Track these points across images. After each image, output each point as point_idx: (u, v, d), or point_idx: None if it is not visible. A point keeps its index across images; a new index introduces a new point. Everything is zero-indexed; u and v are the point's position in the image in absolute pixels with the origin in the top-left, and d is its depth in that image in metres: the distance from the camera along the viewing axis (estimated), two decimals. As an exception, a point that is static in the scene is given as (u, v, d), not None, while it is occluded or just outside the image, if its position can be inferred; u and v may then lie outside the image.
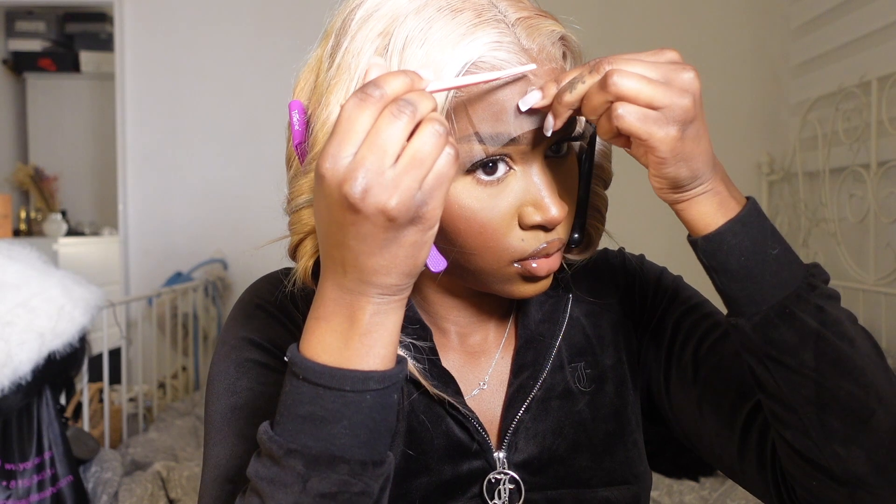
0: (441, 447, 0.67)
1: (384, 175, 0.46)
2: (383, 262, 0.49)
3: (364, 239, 0.48)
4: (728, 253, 0.55)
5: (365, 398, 0.51)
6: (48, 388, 1.56)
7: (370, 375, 0.51)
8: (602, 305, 0.73)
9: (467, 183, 0.58)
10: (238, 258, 3.11)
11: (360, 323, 0.51)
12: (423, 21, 0.56)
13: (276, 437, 0.51)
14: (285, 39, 3.06)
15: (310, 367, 0.51)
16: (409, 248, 0.49)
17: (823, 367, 0.54)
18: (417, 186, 0.46)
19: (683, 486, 1.77)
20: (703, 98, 0.53)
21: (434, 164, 0.47)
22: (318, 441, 0.51)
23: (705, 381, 0.67)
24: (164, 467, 1.81)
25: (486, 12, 0.56)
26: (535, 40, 0.57)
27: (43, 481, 1.53)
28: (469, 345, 0.71)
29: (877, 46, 2.27)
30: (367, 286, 0.50)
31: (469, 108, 0.56)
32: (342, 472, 0.51)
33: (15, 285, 1.49)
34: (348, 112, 0.47)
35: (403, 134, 0.46)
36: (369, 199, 0.46)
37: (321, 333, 0.52)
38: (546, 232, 0.60)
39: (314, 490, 0.51)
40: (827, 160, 2.43)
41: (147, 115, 3.11)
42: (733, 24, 2.96)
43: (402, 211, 0.46)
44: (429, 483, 0.66)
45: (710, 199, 0.55)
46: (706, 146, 0.54)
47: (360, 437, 0.51)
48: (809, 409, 0.55)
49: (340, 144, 0.46)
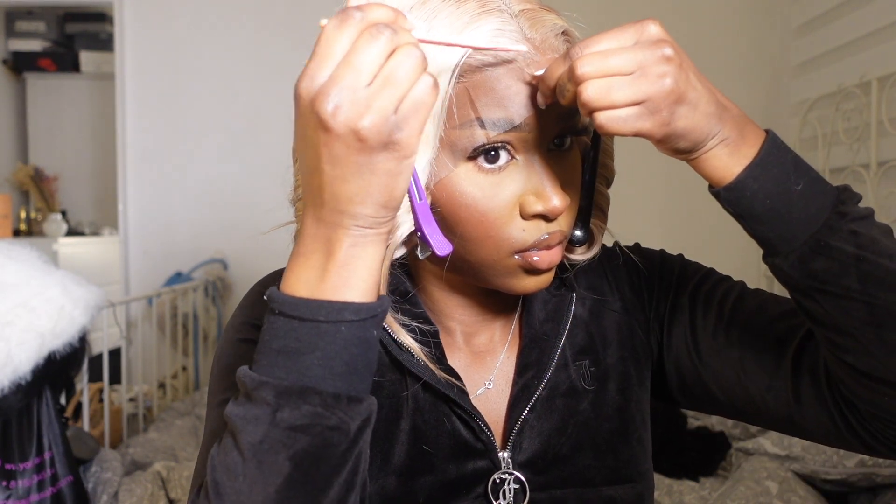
0: (446, 446, 0.67)
1: (357, 93, 0.46)
2: (356, 188, 0.48)
3: (337, 162, 0.47)
4: (752, 199, 0.54)
5: (340, 329, 0.50)
6: (48, 388, 1.56)
7: (346, 306, 0.50)
8: (604, 303, 0.73)
9: (469, 170, 0.58)
10: (238, 258, 3.11)
11: (336, 255, 0.50)
12: (428, 10, 0.57)
13: (248, 373, 0.51)
14: (285, 39, 3.07)
15: (285, 301, 0.51)
16: (384, 177, 0.48)
17: (870, 288, 0.54)
18: (392, 109, 0.46)
19: (683, 486, 1.77)
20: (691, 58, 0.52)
21: (411, 88, 0.47)
22: (290, 373, 0.50)
23: (740, 341, 0.66)
24: (164, 467, 1.81)
25: (491, 2, 0.57)
26: (538, 31, 0.58)
27: (43, 481, 1.52)
28: (475, 344, 0.71)
29: (877, 46, 2.27)
30: (342, 216, 0.49)
31: (472, 93, 0.57)
32: (314, 402, 0.50)
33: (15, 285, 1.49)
34: (328, 33, 0.47)
35: (380, 55, 0.46)
36: (340, 117, 0.46)
37: (299, 269, 0.52)
38: (547, 223, 0.60)
39: (284, 422, 0.49)
40: (827, 160, 2.43)
41: (147, 115, 3.11)
42: (733, 23, 2.96)
43: (373, 132, 0.46)
44: (433, 482, 0.66)
45: (722, 151, 0.54)
46: (705, 107, 0.52)
47: (334, 369, 0.50)
48: (867, 330, 0.54)
49: (318, 64, 0.46)
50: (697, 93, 0.52)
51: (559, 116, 0.58)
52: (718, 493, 1.70)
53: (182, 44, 3.10)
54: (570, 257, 0.68)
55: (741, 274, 0.73)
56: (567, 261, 0.69)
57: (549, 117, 0.58)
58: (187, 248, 3.10)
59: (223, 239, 3.09)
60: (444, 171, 0.59)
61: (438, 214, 0.60)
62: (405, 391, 0.67)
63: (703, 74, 0.54)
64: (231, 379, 0.63)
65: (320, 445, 0.50)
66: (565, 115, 0.59)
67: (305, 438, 0.50)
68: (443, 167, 0.59)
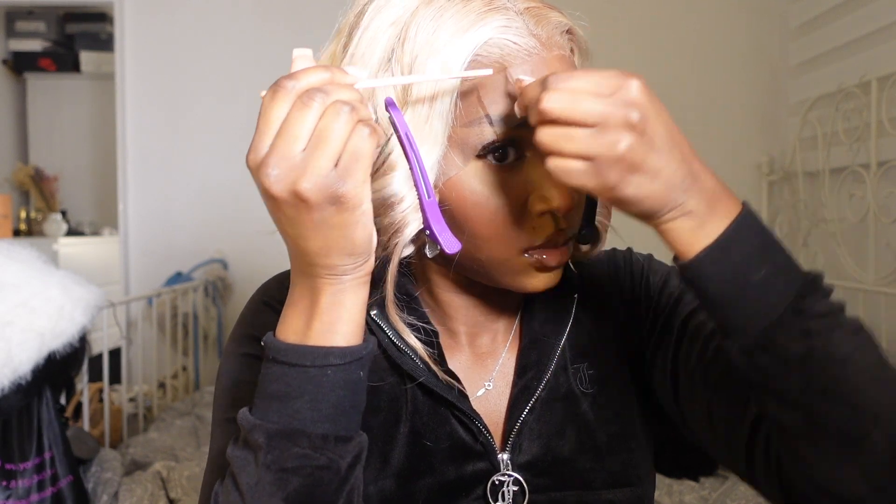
0: (445, 448, 0.67)
1: (293, 160, 0.48)
2: (318, 244, 0.51)
3: (293, 223, 0.50)
4: (707, 282, 0.51)
5: (326, 373, 0.53)
6: (48, 388, 1.56)
7: (331, 351, 0.53)
8: (607, 307, 0.73)
9: (478, 168, 0.59)
10: (238, 258, 3.10)
11: (319, 303, 0.54)
12: (434, 10, 0.57)
13: (247, 415, 0.54)
14: (285, 39, 3.07)
15: (278, 347, 0.54)
16: (340, 229, 0.50)
17: (810, 395, 0.50)
18: (328, 166, 0.48)
19: (683, 486, 1.77)
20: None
21: (347, 142, 0.48)
22: (282, 416, 0.53)
23: (715, 386, 0.63)
24: (164, 467, 1.81)
25: (496, 0, 0.58)
26: (544, 28, 0.59)
27: (43, 481, 1.53)
28: (477, 345, 0.71)
29: (877, 46, 2.27)
30: (315, 268, 0.53)
31: (480, 91, 0.57)
32: (303, 445, 0.53)
33: (15, 285, 1.49)
34: (264, 105, 0.49)
35: (313, 120, 0.48)
36: (280, 184, 0.48)
37: (289, 317, 0.55)
38: (556, 220, 0.60)
39: (276, 464, 0.53)
40: (827, 160, 2.43)
41: (147, 115, 3.11)
42: (733, 23, 2.96)
43: (313, 192, 0.48)
44: (432, 484, 0.66)
45: (684, 224, 0.51)
46: (668, 178, 0.49)
47: (322, 411, 0.53)
48: (801, 434, 0.52)
49: (259, 137, 0.49)
50: (660, 162, 0.49)
51: None
52: (718, 493, 1.70)
53: (182, 44, 3.10)
54: (576, 254, 0.68)
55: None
56: (572, 258, 0.69)
57: None
58: (187, 248, 3.09)
59: (223, 239, 3.09)
60: (454, 169, 0.59)
61: (447, 213, 0.60)
62: (404, 394, 0.67)
63: (682, 140, 0.50)
64: (234, 395, 0.66)
65: (312, 485, 0.53)
66: None
67: (297, 479, 0.53)
68: (452, 165, 0.59)
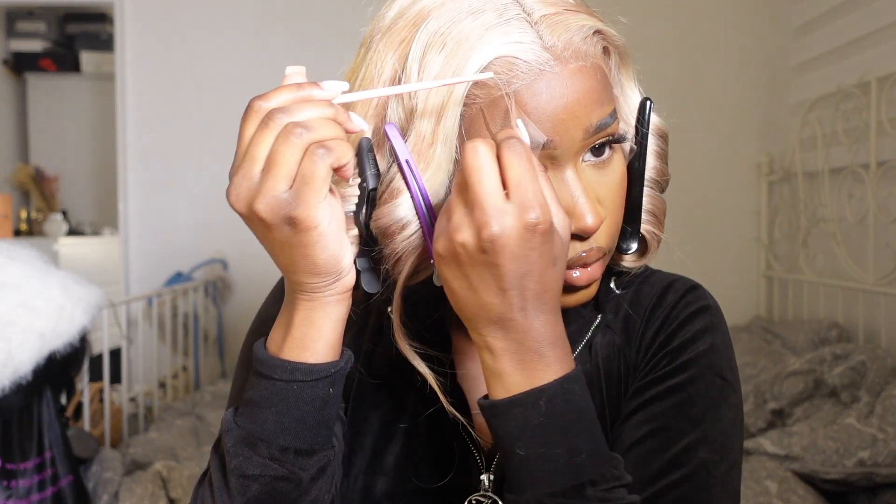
0: (433, 456, 0.66)
1: (252, 179, 0.49)
2: (285, 261, 0.53)
3: (263, 239, 0.52)
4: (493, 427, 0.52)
5: (293, 388, 0.55)
6: (49, 388, 1.56)
7: (298, 367, 0.55)
8: (626, 341, 0.67)
9: None
10: (238, 258, 3.11)
11: (293, 319, 0.55)
12: (442, 26, 0.53)
13: (228, 416, 0.57)
14: (285, 40, 3.07)
15: (258, 357, 0.56)
16: (299, 248, 0.51)
17: None
18: (282, 187, 0.49)
19: None
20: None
21: (299, 165, 0.49)
22: (250, 423, 0.55)
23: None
24: (164, 467, 1.81)
25: (508, 11, 0.53)
26: (561, 37, 0.53)
27: (43, 481, 1.53)
28: None
29: (877, 46, 2.27)
30: (291, 283, 0.55)
31: (486, 113, 0.54)
32: (262, 454, 0.54)
33: (15, 285, 1.49)
34: (240, 127, 0.51)
35: (269, 143, 0.49)
36: (241, 203, 0.50)
37: (275, 328, 0.57)
38: (582, 241, 0.56)
39: (238, 469, 0.54)
40: (826, 160, 2.43)
41: (147, 115, 3.11)
42: (733, 23, 2.96)
43: (267, 212, 0.49)
44: (416, 489, 0.66)
45: (486, 358, 0.52)
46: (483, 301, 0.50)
47: (285, 424, 0.55)
48: None
49: (235, 158, 0.51)
50: (481, 284, 0.49)
51: (585, 130, 0.54)
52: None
53: (182, 44, 3.10)
54: (621, 264, 0.65)
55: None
56: (616, 267, 0.65)
57: (575, 131, 0.54)
58: (187, 248, 3.09)
59: (223, 239, 3.09)
60: None
61: None
62: (408, 394, 0.67)
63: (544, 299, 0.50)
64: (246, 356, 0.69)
65: (270, 493, 0.55)
66: (594, 128, 0.55)
67: (256, 486, 0.54)
68: None
